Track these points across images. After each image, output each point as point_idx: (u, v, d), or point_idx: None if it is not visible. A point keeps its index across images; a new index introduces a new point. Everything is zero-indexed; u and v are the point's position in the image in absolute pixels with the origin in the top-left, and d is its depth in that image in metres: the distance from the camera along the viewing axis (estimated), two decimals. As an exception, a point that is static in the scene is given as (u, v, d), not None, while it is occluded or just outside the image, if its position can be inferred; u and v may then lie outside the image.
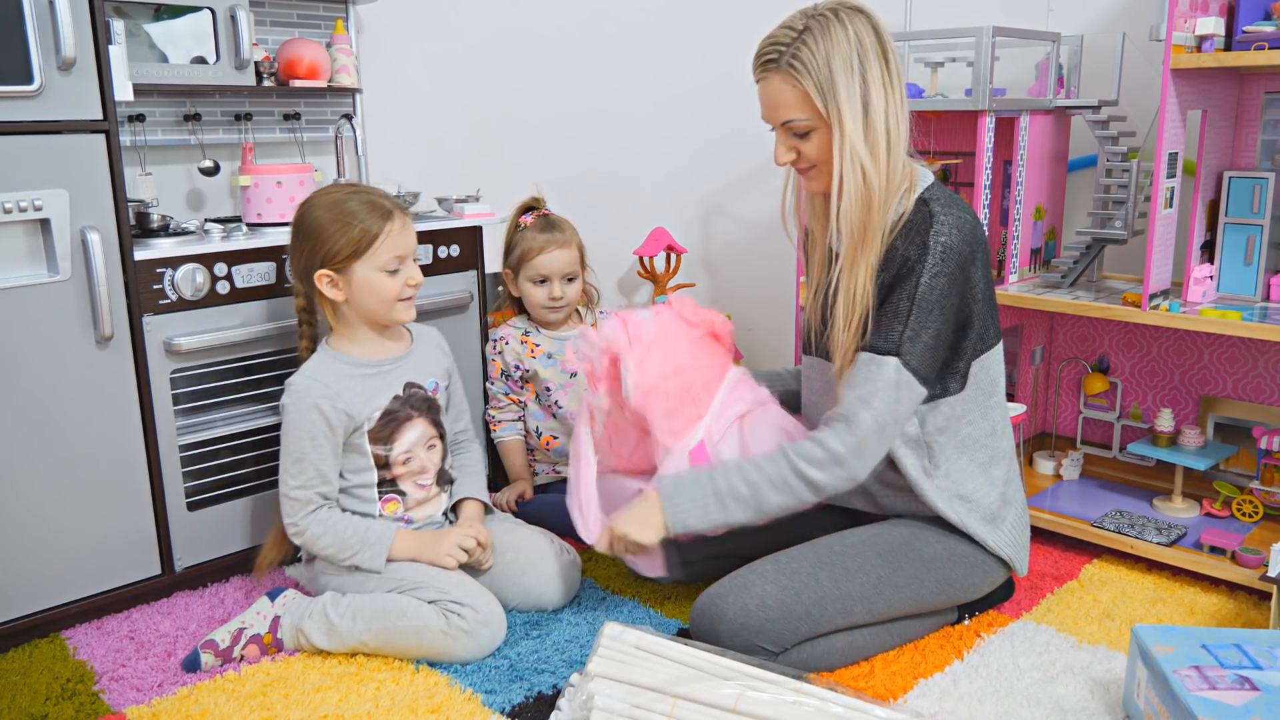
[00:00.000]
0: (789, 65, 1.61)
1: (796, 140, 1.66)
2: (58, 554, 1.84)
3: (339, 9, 2.60)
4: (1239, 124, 2.10)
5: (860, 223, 1.62)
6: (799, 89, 1.61)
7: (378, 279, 1.84)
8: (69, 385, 1.81)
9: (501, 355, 2.38)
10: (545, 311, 2.37)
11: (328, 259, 1.83)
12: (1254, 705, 1.33)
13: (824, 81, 1.59)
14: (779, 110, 1.65)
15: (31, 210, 1.73)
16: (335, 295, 1.86)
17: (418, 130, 2.85)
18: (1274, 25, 1.82)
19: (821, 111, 1.60)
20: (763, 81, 1.67)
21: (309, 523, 1.83)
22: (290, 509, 1.84)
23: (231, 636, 1.76)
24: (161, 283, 1.91)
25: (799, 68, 1.60)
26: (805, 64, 1.59)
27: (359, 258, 1.82)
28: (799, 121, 1.63)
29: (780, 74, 1.62)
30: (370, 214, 1.83)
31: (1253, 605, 1.86)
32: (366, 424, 1.86)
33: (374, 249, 1.82)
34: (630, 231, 3.02)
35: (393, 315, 1.89)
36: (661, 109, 3.09)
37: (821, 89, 1.59)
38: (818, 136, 1.64)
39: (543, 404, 2.38)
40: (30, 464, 1.79)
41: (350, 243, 1.81)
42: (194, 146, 2.42)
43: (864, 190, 1.61)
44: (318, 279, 1.84)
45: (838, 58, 1.58)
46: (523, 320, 2.43)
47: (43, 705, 1.63)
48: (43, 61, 1.71)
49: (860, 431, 1.61)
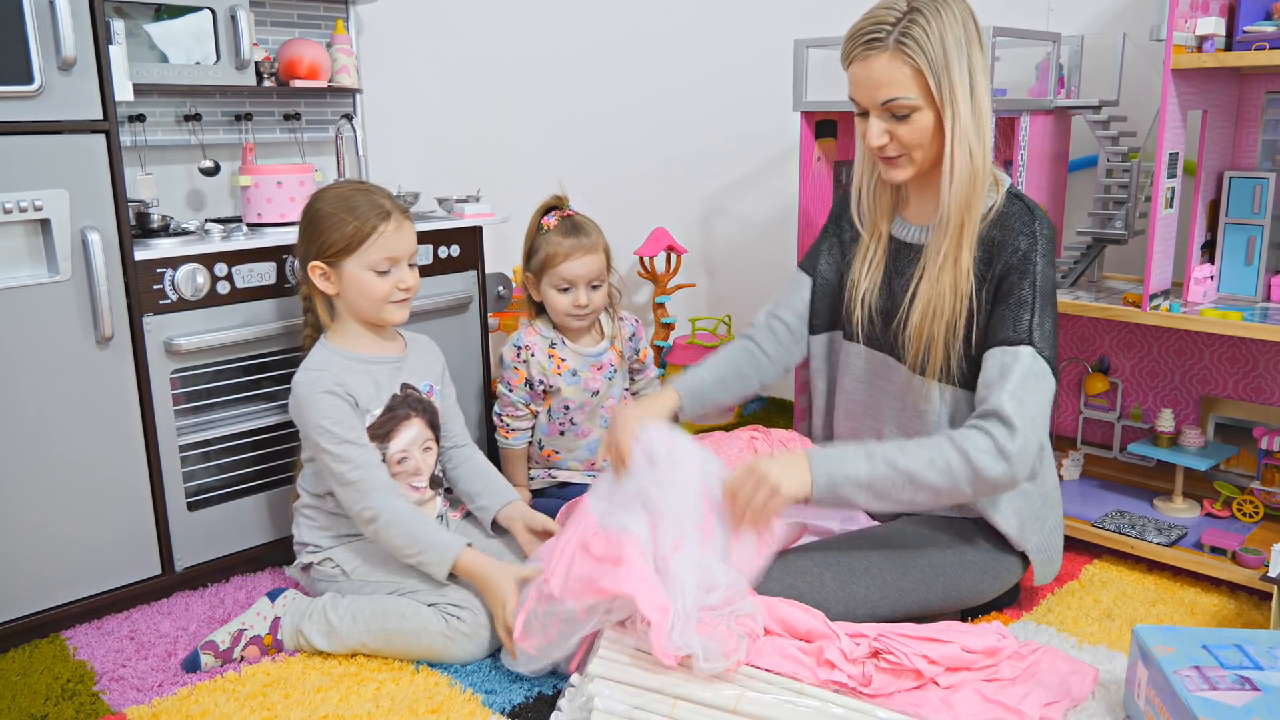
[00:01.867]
0: (899, 43, 1.55)
1: (893, 123, 1.61)
2: (58, 554, 1.84)
3: (339, 9, 2.60)
4: (1239, 124, 2.09)
5: (966, 206, 1.61)
6: (911, 66, 1.56)
7: (366, 278, 1.84)
8: (69, 385, 1.81)
9: (527, 365, 2.24)
10: (569, 320, 2.23)
11: (321, 251, 1.84)
12: (1254, 706, 1.33)
13: (937, 61, 1.55)
14: (883, 89, 1.58)
15: (32, 210, 1.73)
16: (326, 288, 1.86)
17: (418, 130, 2.85)
18: (1274, 25, 1.82)
19: (933, 91, 1.57)
20: (863, 61, 1.59)
21: (382, 506, 1.78)
22: (354, 497, 1.79)
23: (232, 637, 1.75)
24: (162, 283, 1.90)
25: (911, 46, 1.55)
26: (919, 42, 1.55)
27: (350, 254, 1.83)
28: (904, 101, 1.58)
29: (889, 52, 1.56)
30: (368, 212, 1.83)
31: (1253, 605, 1.85)
32: (369, 417, 1.85)
33: (365, 247, 1.82)
34: (630, 231, 3.02)
35: (382, 316, 1.88)
36: (661, 109, 3.09)
37: (934, 68, 1.55)
38: (918, 119, 1.59)
39: (554, 420, 2.28)
40: (30, 464, 1.78)
41: (343, 238, 1.82)
42: (194, 146, 2.42)
43: (972, 173, 1.59)
44: (310, 270, 1.85)
45: (951, 38, 1.55)
46: (548, 328, 2.27)
47: (43, 705, 1.63)
48: (43, 61, 1.71)
49: (1023, 430, 1.53)
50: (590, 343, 2.29)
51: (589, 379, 2.25)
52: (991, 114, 1.63)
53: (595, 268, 2.20)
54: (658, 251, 2.98)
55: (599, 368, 2.26)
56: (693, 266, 3.20)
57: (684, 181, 3.15)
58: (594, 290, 2.21)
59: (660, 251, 2.99)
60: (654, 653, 1.42)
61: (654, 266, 3.03)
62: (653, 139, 3.11)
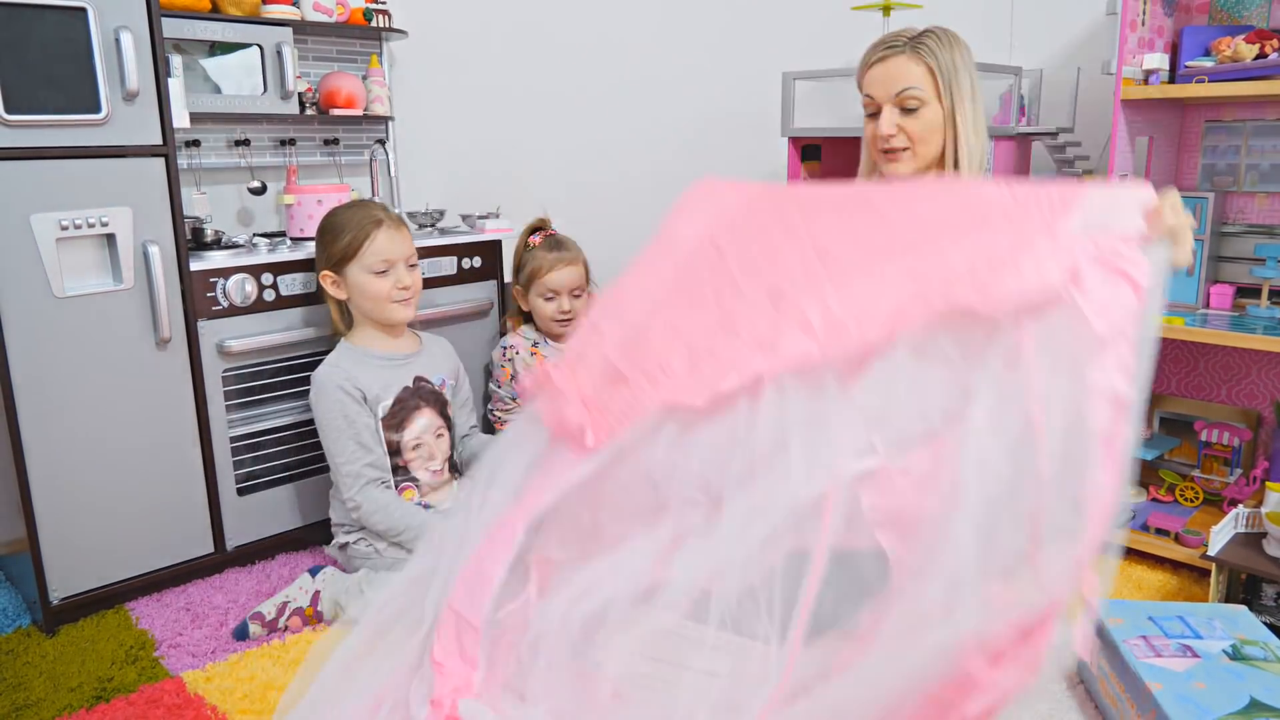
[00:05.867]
0: (914, 48, 1.60)
1: (904, 116, 1.63)
2: (122, 533, 1.85)
3: (374, 45, 2.61)
4: (1182, 149, 2.10)
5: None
6: (924, 65, 1.60)
7: (367, 280, 1.88)
8: (132, 382, 1.83)
9: (512, 363, 2.29)
10: (555, 325, 2.27)
11: (328, 261, 1.90)
12: (1195, 671, 1.34)
13: (947, 67, 1.60)
14: (898, 81, 1.61)
15: (99, 225, 1.75)
16: (337, 294, 1.92)
17: (444, 153, 2.86)
18: (1213, 61, 1.83)
19: (941, 91, 1.61)
20: (881, 63, 1.63)
21: (364, 498, 1.84)
22: (345, 486, 1.86)
23: (277, 609, 1.77)
24: (214, 291, 1.92)
25: (925, 50, 1.60)
26: (932, 50, 1.60)
27: (350, 260, 1.88)
28: (916, 91, 1.60)
29: (906, 54, 1.61)
30: (362, 221, 1.88)
31: (1194, 581, 1.86)
32: (380, 410, 1.88)
33: (362, 252, 1.87)
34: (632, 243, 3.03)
35: (387, 314, 1.92)
36: (663, 133, 3.10)
37: (944, 71, 1.60)
38: (926, 113, 1.62)
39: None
40: (98, 453, 1.80)
41: (343, 247, 1.88)
42: (244, 169, 2.44)
43: (971, 165, 1.63)
44: (322, 279, 1.90)
45: (958, 55, 1.61)
46: (532, 331, 2.33)
47: (109, 669, 1.64)
48: (109, 93, 1.73)
49: None
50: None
51: None
52: (986, 128, 1.66)
53: (575, 278, 2.25)
54: (659, 263, 2.98)
55: None
56: (690, 276, 3.21)
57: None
58: (576, 298, 2.27)
59: (661, 263, 2.99)
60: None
61: (656, 276, 3.04)
62: (654, 160, 3.11)
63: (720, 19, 2.84)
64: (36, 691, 1.58)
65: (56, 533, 1.76)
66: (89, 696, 1.56)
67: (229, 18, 2.18)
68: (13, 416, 1.69)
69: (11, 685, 1.60)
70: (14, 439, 1.70)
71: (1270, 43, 1.77)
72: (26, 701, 1.55)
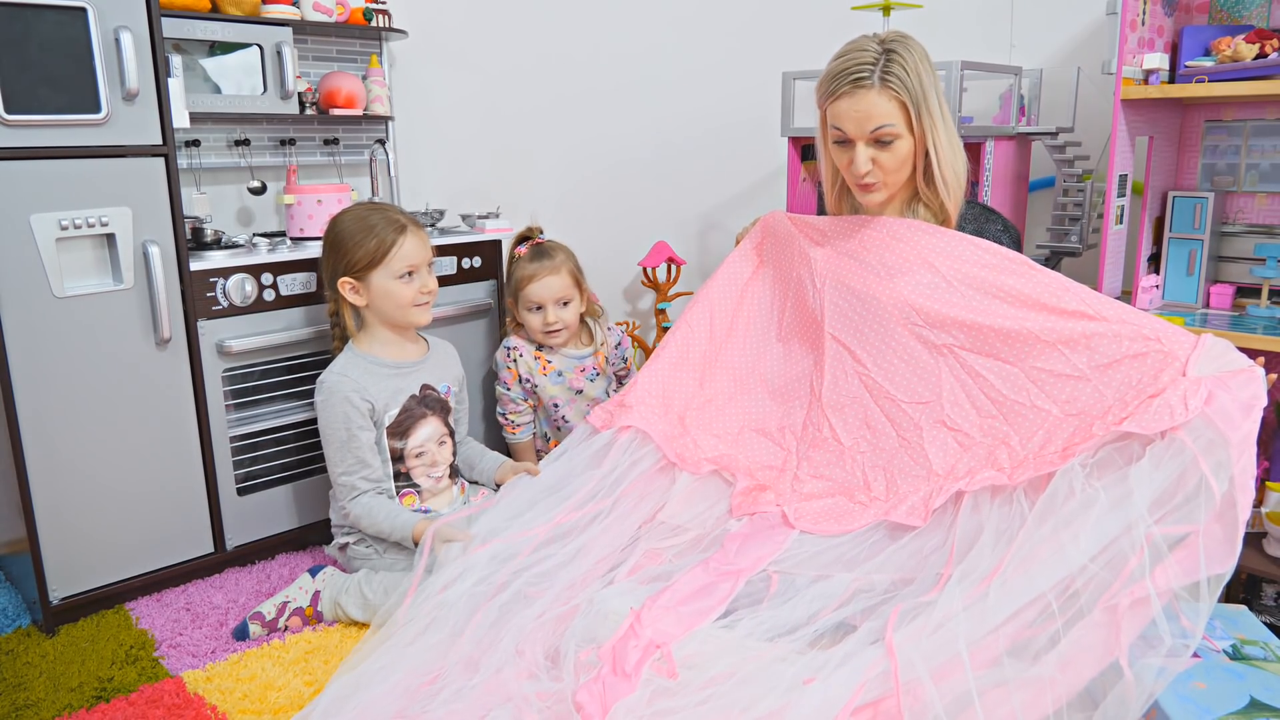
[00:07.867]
0: (883, 80, 1.59)
1: (877, 149, 1.63)
2: (122, 533, 1.85)
3: (374, 45, 2.61)
4: (1182, 149, 2.10)
5: (957, 203, 1.68)
6: (896, 100, 1.59)
7: (393, 285, 1.86)
8: (132, 382, 1.82)
9: (516, 364, 2.25)
10: (544, 337, 2.23)
11: (349, 268, 1.86)
12: (1195, 671, 1.33)
13: (917, 96, 1.59)
14: (872, 119, 1.60)
15: (99, 225, 1.74)
16: (356, 300, 1.88)
17: (444, 153, 2.86)
18: (1213, 60, 1.83)
19: (912, 121, 1.61)
20: (849, 97, 1.61)
21: (353, 507, 1.86)
22: (339, 494, 1.88)
23: (277, 609, 1.76)
24: (214, 290, 1.91)
25: (895, 83, 1.58)
26: (900, 79, 1.58)
27: (376, 266, 1.85)
28: (890, 128, 1.60)
29: (875, 90, 1.59)
30: (386, 228, 1.86)
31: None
32: (386, 418, 1.87)
33: (389, 259, 1.85)
34: (634, 244, 3.03)
35: (409, 318, 1.91)
36: (663, 132, 3.10)
37: (915, 102, 1.59)
38: (899, 145, 1.62)
39: (549, 416, 2.30)
40: (98, 453, 1.80)
41: (368, 253, 1.84)
42: (243, 168, 2.43)
43: (956, 178, 1.66)
44: (340, 285, 1.87)
45: (924, 75, 1.60)
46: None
47: (109, 668, 1.64)
48: (109, 93, 1.73)
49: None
50: (575, 347, 2.30)
51: (572, 379, 2.27)
52: (958, 134, 1.68)
53: (559, 285, 2.19)
54: (659, 262, 2.98)
55: (582, 369, 2.27)
56: (691, 276, 3.21)
57: (683, 199, 3.15)
58: (563, 308, 2.21)
59: (661, 262, 2.99)
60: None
61: (656, 276, 3.04)
62: (655, 161, 3.11)
63: (720, 19, 2.84)
64: (36, 691, 1.58)
65: (56, 533, 1.76)
66: (89, 696, 1.56)
67: (229, 17, 2.18)
68: (13, 416, 1.69)
69: (11, 685, 1.60)
70: (14, 439, 1.70)
71: (1270, 42, 1.77)
72: (26, 701, 1.55)
